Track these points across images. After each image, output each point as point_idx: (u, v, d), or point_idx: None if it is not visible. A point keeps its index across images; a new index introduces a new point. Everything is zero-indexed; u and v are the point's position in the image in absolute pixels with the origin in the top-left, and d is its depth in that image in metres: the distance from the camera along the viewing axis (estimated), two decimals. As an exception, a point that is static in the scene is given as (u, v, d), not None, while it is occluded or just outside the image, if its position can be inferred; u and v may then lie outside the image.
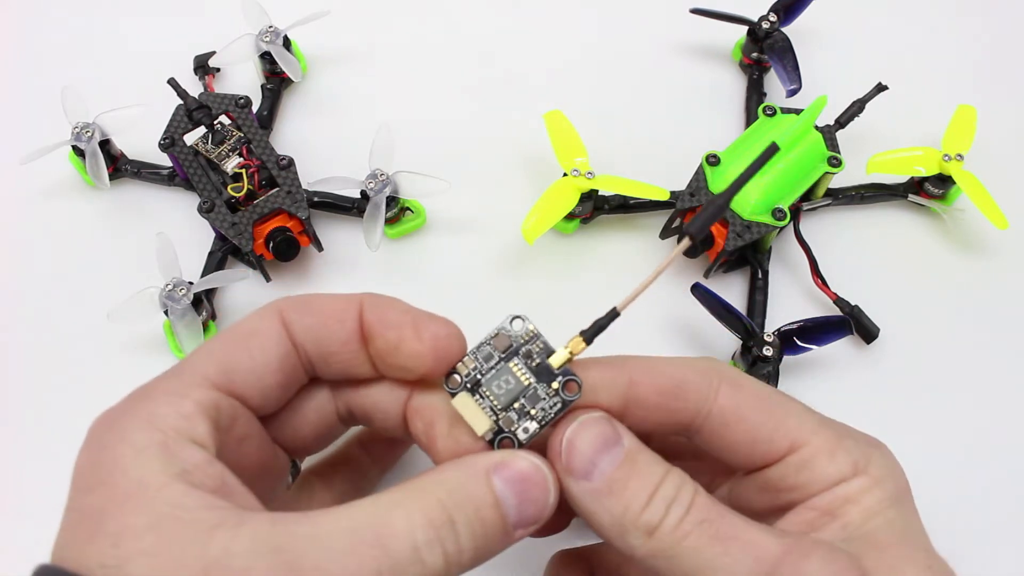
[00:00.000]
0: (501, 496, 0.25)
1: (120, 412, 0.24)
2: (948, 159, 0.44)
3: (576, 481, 0.26)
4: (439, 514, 0.23)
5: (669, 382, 0.28)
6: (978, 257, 0.45)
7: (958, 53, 0.52)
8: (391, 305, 0.28)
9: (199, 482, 0.23)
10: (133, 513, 0.22)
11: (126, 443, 0.23)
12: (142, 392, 0.25)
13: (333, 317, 0.27)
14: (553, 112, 0.45)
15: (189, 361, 0.26)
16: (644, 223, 0.45)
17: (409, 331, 0.27)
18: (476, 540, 0.24)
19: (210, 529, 0.22)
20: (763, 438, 0.27)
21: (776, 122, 0.43)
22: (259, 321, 0.27)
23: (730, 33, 0.50)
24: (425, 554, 0.23)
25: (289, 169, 0.42)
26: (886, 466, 0.27)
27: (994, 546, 0.37)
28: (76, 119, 0.44)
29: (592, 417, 0.26)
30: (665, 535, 0.25)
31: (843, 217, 0.46)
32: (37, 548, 0.24)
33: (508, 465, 0.25)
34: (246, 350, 0.26)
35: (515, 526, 0.25)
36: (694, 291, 0.40)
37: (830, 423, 0.28)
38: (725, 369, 0.28)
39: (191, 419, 0.24)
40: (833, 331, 0.40)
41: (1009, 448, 0.40)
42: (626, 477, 0.25)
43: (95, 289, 0.42)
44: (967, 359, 0.42)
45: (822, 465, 0.27)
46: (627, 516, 0.25)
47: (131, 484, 0.22)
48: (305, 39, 0.50)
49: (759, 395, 0.28)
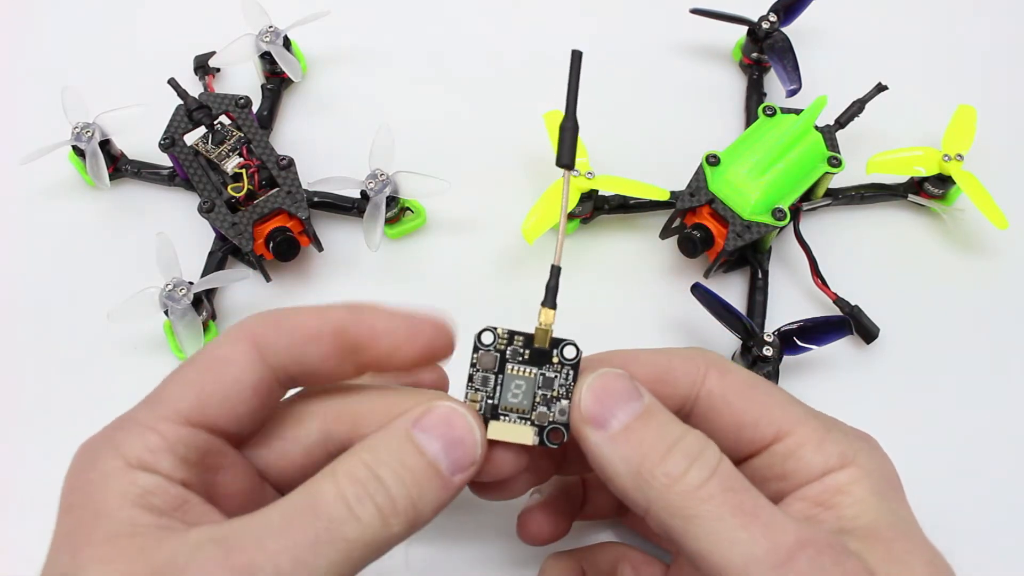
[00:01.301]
0: (423, 443, 0.25)
1: (97, 441, 0.26)
2: (948, 159, 0.44)
3: (593, 430, 0.26)
4: (363, 471, 0.24)
5: (656, 369, 0.28)
6: (978, 257, 0.45)
7: (958, 53, 0.52)
8: (376, 314, 0.27)
9: (156, 505, 0.24)
10: (93, 530, 0.23)
11: (95, 470, 0.24)
12: (119, 422, 0.26)
13: (308, 336, 0.27)
14: (553, 112, 0.45)
15: (164, 390, 0.26)
16: (644, 223, 0.45)
17: (403, 338, 0.27)
18: (408, 489, 0.24)
19: (159, 540, 0.23)
20: (748, 423, 0.27)
21: (776, 122, 0.43)
22: (230, 347, 0.26)
23: (730, 33, 0.50)
24: (358, 510, 0.23)
25: (289, 169, 0.42)
26: (875, 458, 0.27)
27: (994, 545, 0.37)
28: (76, 119, 0.44)
29: (611, 372, 0.27)
30: (688, 491, 0.24)
31: (843, 217, 0.46)
32: (37, 548, 0.24)
33: (424, 416, 0.26)
34: (219, 382, 0.26)
35: (451, 471, 0.25)
36: (694, 291, 0.40)
37: (816, 414, 0.28)
38: (712, 356, 0.29)
39: (156, 453, 0.24)
40: (833, 331, 0.40)
41: (1009, 448, 0.40)
42: (644, 427, 0.26)
43: (95, 289, 0.42)
44: (967, 359, 0.42)
45: (809, 455, 0.27)
46: (644, 464, 0.25)
47: (96, 506, 0.24)
48: (305, 39, 0.50)
49: (745, 382, 0.28)
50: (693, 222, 0.42)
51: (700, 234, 0.41)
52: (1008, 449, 0.40)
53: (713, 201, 0.41)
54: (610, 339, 0.42)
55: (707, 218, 0.41)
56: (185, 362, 0.27)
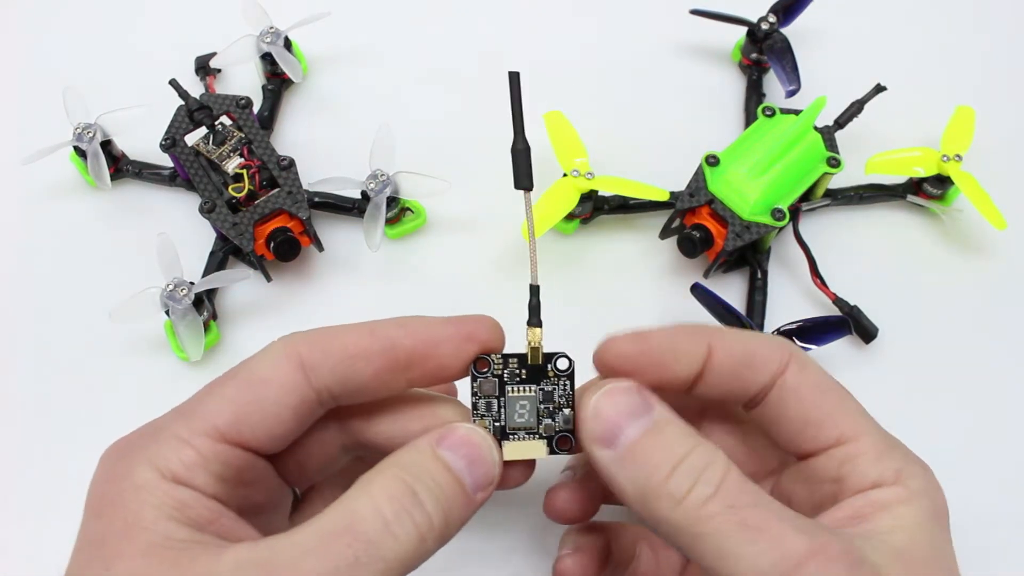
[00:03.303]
0: (450, 461, 0.25)
1: (129, 447, 0.25)
2: (947, 160, 0.44)
3: (600, 449, 0.26)
4: (400, 488, 0.24)
5: (743, 350, 0.28)
6: (976, 257, 0.45)
7: (957, 54, 0.52)
8: (429, 325, 0.27)
9: (192, 519, 0.24)
10: (127, 542, 0.23)
11: (129, 479, 0.24)
12: (152, 430, 0.26)
13: (359, 356, 0.27)
14: (553, 112, 0.45)
15: (202, 404, 0.26)
16: (644, 223, 0.46)
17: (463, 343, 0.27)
18: (441, 505, 0.25)
19: (195, 556, 0.23)
20: (814, 422, 0.27)
21: (775, 123, 0.43)
22: (274, 367, 0.26)
23: (730, 34, 0.50)
24: (396, 528, 0.23)
25: (290, 169, 0.42)
26: (927, 485, 0.27)
27: (993, 545, 0.38)
28: (78, 120, 0.44)
29: (619, 386, 0.27)
30: (691, 511, 0.24)
31: (842, 217, 0.46)
32: (38, 547, 0.24)
33: (447, 435, 0.26)
34: (259, 402, 0.26)
35: (473, 489, 0.26)
36: (694, 291, 0.40)
37: (883, 431, 0.28)
38: (797, 349, 0.29)
39: (191, 468, 0.25)
40: (832, 331, 0.40)
41: (1008, 447, 0.40)
42: (651, 446, 0.25)
43: (96, 289, 0.42)
44: (965, 359, 0.42)
45: (865, 464, 0.27)
46: (650, 484, 0.25)
47: (129, 517, 0.24)
48: (306, 40, 0.50)
49: (822, 381, 0.28)
50: (693, 222, 0.42)
51: (700, 234, 0.41)
52: (1008, 449, 0.40)
53: (712, 201, 0.41)
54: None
55: (707, 218, 0.41)
56: (226, 375, 0.27)
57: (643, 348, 0.28)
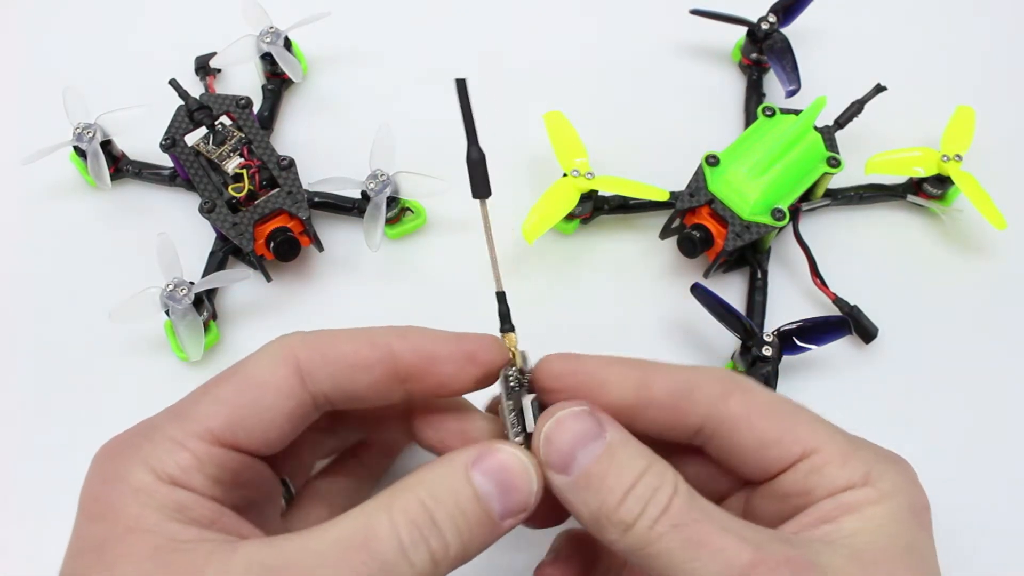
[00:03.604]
0: (481, 488, 0.25)
1: (123, 448, 0.25)
2: (947, 160, 0.44)
3: (555, 475, 0.26)
4: (420, 513, 0.24)
5: (681, 383, 0.28)
6: (976, 257, 0.45)
7: (957, 54, 0.52)
8: (432, 340, 0.27)
9: (194, 518, 0.24)
10: (132, 544, 0.23)
11: (125, 482, 0.24)
12: (145, 431, 0.25)
13: (358, 366, 0.26)
14: (553, 112, 0.45)
15: (196, 405, 0.26)
16: (644, 223, 0.46)
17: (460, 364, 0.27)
18: (461, 535, 0.24)
19: (206, 556, 0.23)
20: (773, 442, 0.27)
21: (775, 123, 0.43)
22: (270, 370, 0.26)
23: (730, 34, 0.50)
24: (412, 554, 0.23)
25: (290, 169, 0.42)
26: (900, 482, 0.27)
27: (993, 545, 0.38)
28: (77, 120, 0.44)
29: (572, 411, 0.26)
30: (640, 534, 0.24)
31: (842, 217, 0.46)
32: (38, 548, 0.24)
33: (486, 458, 0.25)
34: (254, 406, 0.26)
35: (501, 516, 0.25)
36: (694, 291, 0.40)
37: (844, 433, 0.28)
38: (738, 377, 0.29)
39: (187, 471, 0.24)
40: (832, 331, 0.40)
41: (1008, 447, 0.40)
42: (604, 472, 0.25)
43: (96, 289, 0.42)
44: (965, 359, 0.42)
45: (832, 471, 0.26)
46: (602, 511, 0.25)
47: (129, 520, 0.23)
48: (306, 40, 0.50)
49: (771, 402, 0.28)
50: (693, 222, 0.42)
51: (700, 234, 0.41)
52: (1008, 449, 0.40)
53: (712, 201, 0.41)
54: (610, 339, 0.42)
55: (707, 218, 0.41)
56: (221, 376, 0.26)
57: (574, 369, 0.28)
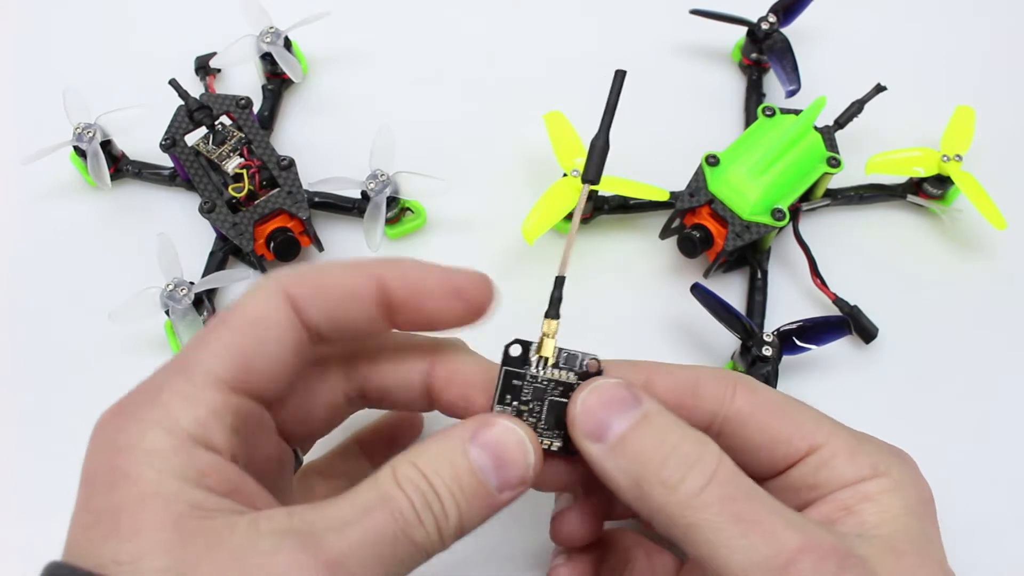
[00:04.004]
0: (477, 462, 0.25)
1: (130, 413, 0.24)
2: (947, 160, 0.44)
3: (591, 443, 0.26)
4: (421, 481, 0.24)
5: (685, 382, 0.28)
6: (976, 257, 0.45)
7: (957, 54, 0.52)
8: (420, 270, 0.27)
9: (215, 485, 0.23)
10: (152, 512, 0.22)
11: (140, 447, 0.23)
12: (151, 391, 0.24)
13: (350, 295, 0.26)
14: (553, 112, 0.45)
15: (198, 354, 0.24)
16: (644, 223, 0.46)
17: (447, 295, 0.27)
18: (459, 506, 0.24)
19: (230, 524, 0.22)
20: (782, 439, 0.27)
21: (775, 122, 0.43)
22: (267, 306, 0.25)
23: (730, 34, 0.50)
24: (423, 515, 0.24)
25: (290, 169, 0.42)
26: (908, 474, 0.27)
27: (993, 545, 0.38)
28: (78, 120, 0.44)
29: (606, 382, 0.27)
30: (684, 500, 0.24)
31: (842, 217, 0.46)
32: (39, 548, 0.24)
33: (481, 432, 0.25)
34: (260, 344, 0.25)
35: (499, 489, 0.25)
36: (693, 291, 0.40)
37: (849, 429, 0.28)
38: (741, 376, 0.29)
39: (206, 425, 0.23)
40: (832, 331, 0.40)
41: (1008, 447, 0.40)
42: (641, 436, 0.25)
43: (96, 289, 0.42)
44: (966, 359, 0.42)
45: (841, 465, 0.27)
46: (643, 473, 0.25)
47: (148, 486, 0.22)
48: (306, 40, 0.50)
49: (775, 399, 0.28)
50: (693, 222, 0.42)
51: (700, 234, 0.41)
52: (1008, 449, 0.40)
53: (712, 201, 0.41)
54: (610, 339, 0.42)
55: (707, 218, 0.41)
56: (216, 322, 0.25)
57: None
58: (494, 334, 0.29)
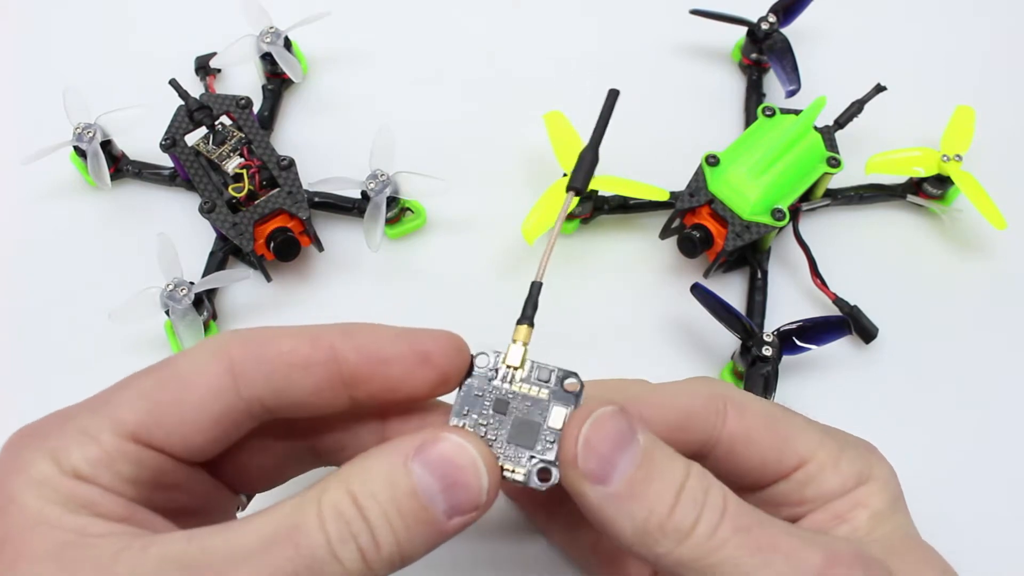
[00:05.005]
0: (420, 483, 0.22)
1: (32, 437, 0.23)
2: (947, 160, 0.44)
3: (593, 487, 0.23)
4: (348, 507, 0.21)
5: (676, 415, 0.27)
6: (976, 257, 0.45)
7: (957, 54, 0.52)
8: (378, 336, 0.24)
9: (104, 513, 0.22)
10: (33, 540, 0.21)
11: (27, 474, 0.22)
12: (59, 420, 0.23)
13: (297, 365, 0.24)
14: (553, 113, 0.45)
15: (114, 396, 0.24)
16: (644, 223, 0.46)
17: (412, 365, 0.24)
18: (396, 533, 0.22)
19: (116, 552, 0.21)
20: (772, 458, 0.27)
21: (775, 123, 0.43)
22: (199, 368, 0.23)
23: (730, 34, 0.50)
24: (340, 550, 0.21)
25: (290, 169, 0.42)
26: (884, 471, 0.27)
27: (994, 546, 0.38)
28: (78, 120, 0.44)
29: (608, 411, 0.24)
30: (700, 543, 0.23)
31: (842, 217, 0.46)
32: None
33: (426, 448, 0.22)
34: (176, 404, 0.23)
35: (447, 514, 0.22)
36: (693, 291, 0.40)
37: (830, 433, 0.28)
38: (729, 392, 0.28)
39: (94, 466, 0.22)
40: (832, 331, 0.40)
41: (1008, 447, 0.40)
42: (647, 477, 0.23)
43: (96, 289, 0.42)
44: (965, 359, 0.42)
45: (827, 479, 0.27)
46: (651, 521, 0.23)
47: (29, 515, 0.21)
48: (306, 40, 0.50)
49: (765, 415, 0.27)
50: (693, 222, 0.42)
51: (700, 234, 0.41)
52: (1008, 449, 0.40)
53: (712, 201, 0.41)
54: (610, 339, 0.42)
55: (707, 218, 0.41)
56: (148, 368, 0.24)
57: None
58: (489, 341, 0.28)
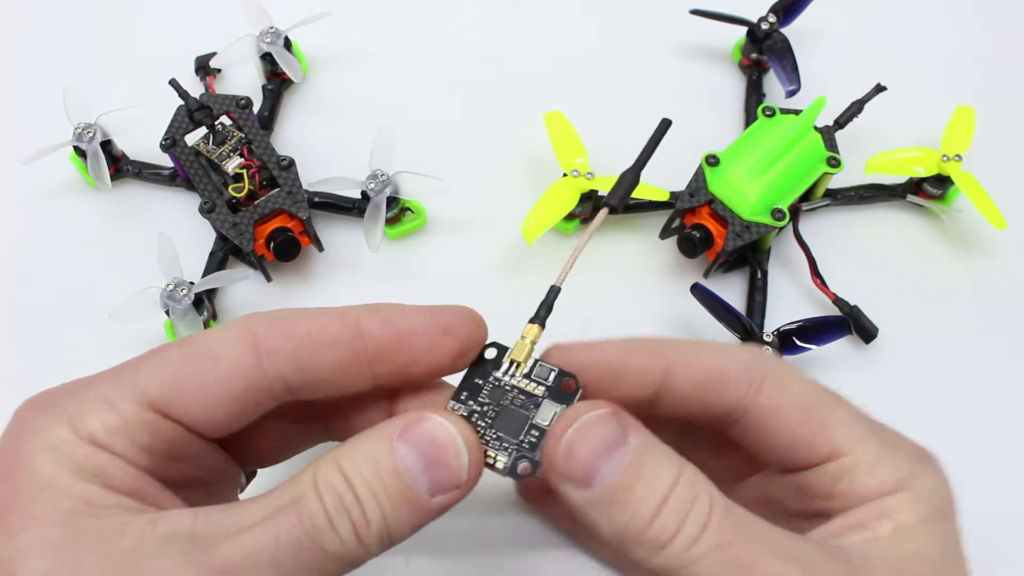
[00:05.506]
0: (404, 462, 0.23)
1: (48, 403, 0.23)
2: (947, 160, 0.44)
3: (574, 490, 0.23)
4: (340, 481, 0.22)
5: (708, 375, 0.25)
6: (976, 257, 0.45)
7: (957, 54, 0.52)
8: (402, 313, 0.25)
9: (115, 483, 0.22)
10: (40, 507, 0.21)
11: (41, 439, 0.22)
12: (78, 387, 0.24)
13: (322, 342, 0.24)
14: (553, 113, 0.45)
15: (139, 366, 0.24)
16: (644, 223, 0.46)
17: (434, 338, 0.25)
18: (382, 510, 0.22)
19: (124, 523, 0.21)
20: (803, 442, 0.25)
21: (775, 123, 0.43)
22: (226, 344, 0.24)
23: (730, 34, 0.50)
24: (336, 521, 0.22)
25: (290, 169, 0.42)
26: (930, 483, 0.25)
27: (994, 546, 0.38)
28: (78, 120, 0.44)
29: (596, 416, 0.23)
30: (676, 554, 0.22)
31: (842, 217, 0.46)
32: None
33: (410, 427, 0.23)
34: (200, 378, 0.23)
35: (430, 492, 0.23)
36: (694, 291, 0.40)
37: (880, 431, 0.26)
38: (771, 363, 0.26)
39: (112, 433, 0.22)
40: (832, 331, 0.40)
41: (1008, 447, 0.40)
42: (631, 484, 0.23)
43: (96, 289, 0.43)
44: (966, 359, 0.42)
45: (862, 478, 0.25)
46: (630, 528, 0.22)
47: (41, 479, 0.21)
48: (306, 40, 0.50)
49: (804, 395, 0.26)
50: (693, 222, 0.42)
51: (700, 234, 0.41)
52: (1008, 449, 0.40)
53: (712, 201, 0.41)
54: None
55: (707, 218, 0.41)
56: (174, 342, 0.24)
57: (590, 361, 0.25)
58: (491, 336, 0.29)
